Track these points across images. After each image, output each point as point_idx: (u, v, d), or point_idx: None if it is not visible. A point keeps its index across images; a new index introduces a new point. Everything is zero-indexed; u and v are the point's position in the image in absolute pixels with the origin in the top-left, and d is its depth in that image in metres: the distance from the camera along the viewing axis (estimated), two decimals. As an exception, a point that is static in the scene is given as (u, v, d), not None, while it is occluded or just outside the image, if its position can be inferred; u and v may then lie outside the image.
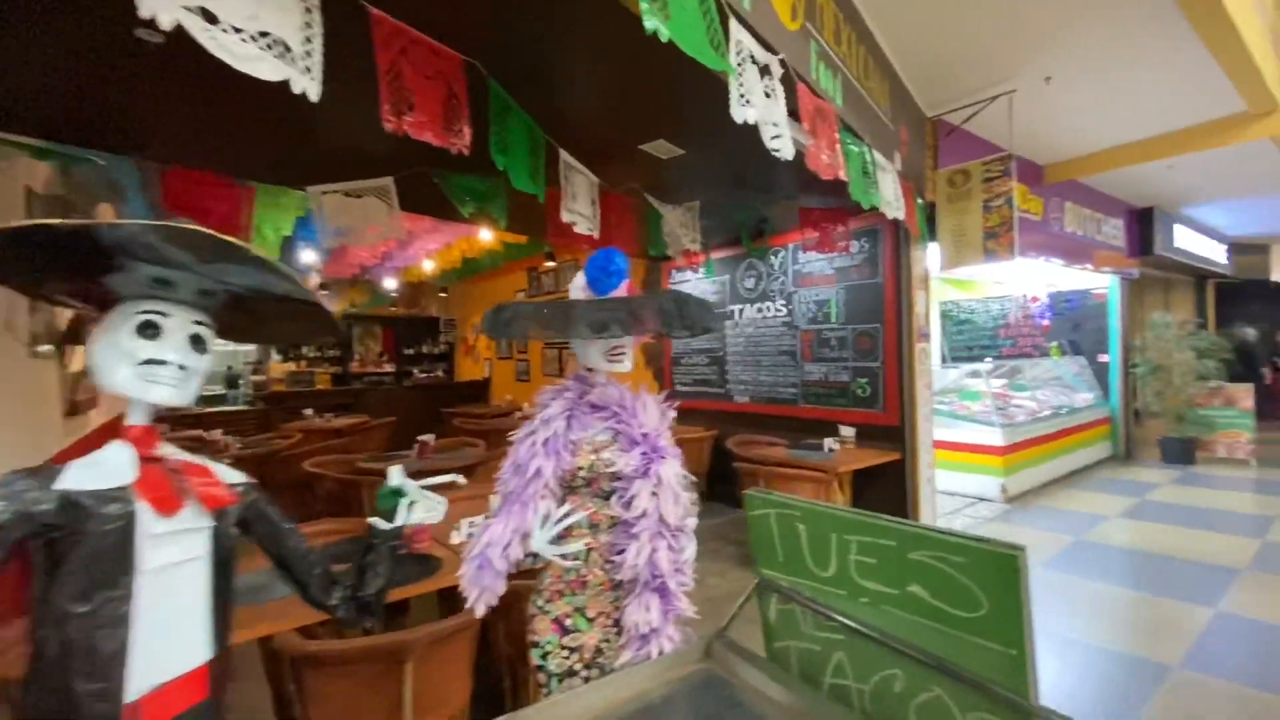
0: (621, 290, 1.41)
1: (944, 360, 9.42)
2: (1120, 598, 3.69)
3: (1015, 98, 4.15)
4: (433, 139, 1.97)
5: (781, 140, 2.01)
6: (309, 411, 7.99)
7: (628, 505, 1.33)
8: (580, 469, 1.37)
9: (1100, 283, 7.96)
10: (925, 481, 4.50)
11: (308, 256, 7.07)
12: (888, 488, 4.56)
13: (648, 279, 6.98)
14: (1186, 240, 8.66)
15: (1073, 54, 3.89)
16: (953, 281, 8.84)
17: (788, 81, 2.18)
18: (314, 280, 10.18)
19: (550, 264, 8.14)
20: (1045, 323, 8.49)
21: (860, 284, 4.75)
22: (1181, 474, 6.85)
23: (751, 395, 5.74)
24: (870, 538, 1.29)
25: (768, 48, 2.08)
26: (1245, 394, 7.36)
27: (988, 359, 8.43)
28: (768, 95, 2.03)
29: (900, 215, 3.39)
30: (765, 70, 2.05)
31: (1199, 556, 4.27)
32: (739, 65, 1.83)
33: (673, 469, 1.38)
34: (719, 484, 5.67)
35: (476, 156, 2.31)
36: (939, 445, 6.23)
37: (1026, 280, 8.39)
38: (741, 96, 1.80)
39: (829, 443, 4.59)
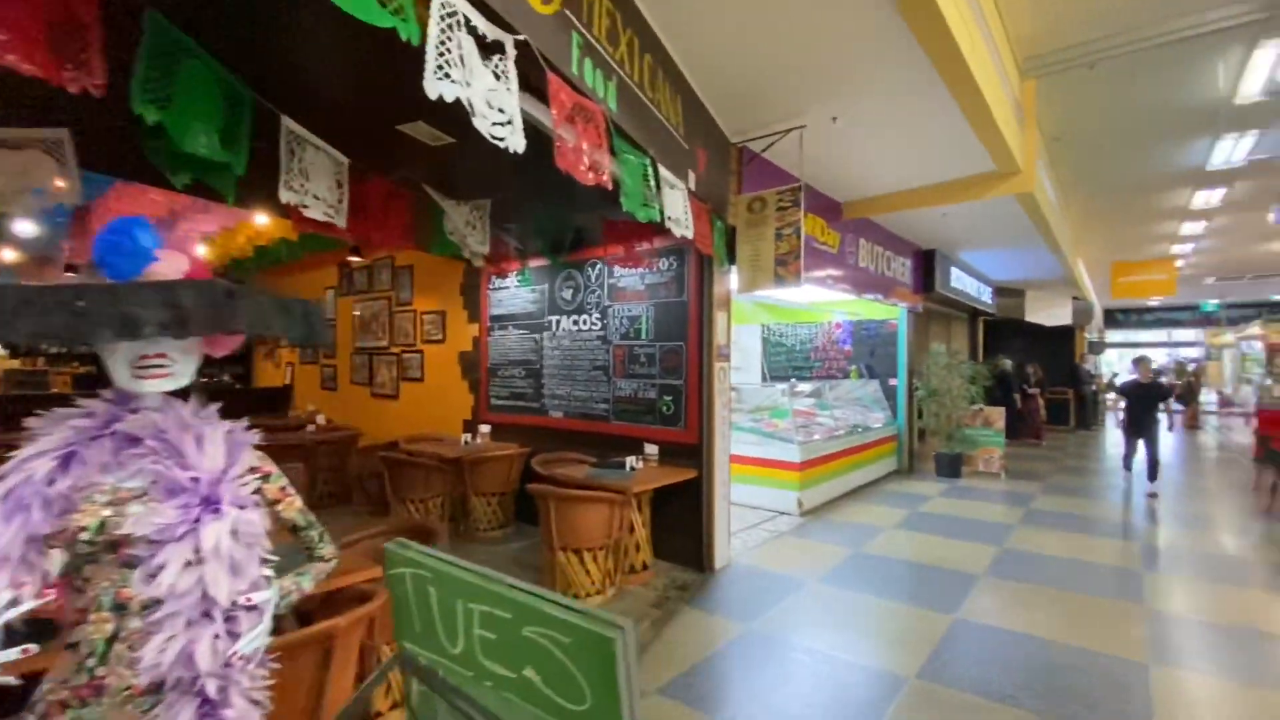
0: (159, 276, 1.05)
1: (764, 379, 9.97)
2: (879, 608, 3.93)
3: (807, 134, 4.37)
4: (21, 65, 1.46)
5: (508, 130, 1.77)
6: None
7: (152, 579, 0.97)
8: (84, 530, 0.98)
9: (894, 314, 8.88)
10: (720, 499, 4.54)
11: (25, 228, 5.70)
12: (685, 506, 4.54)
13: (465, 285, 6.53)
14: (962, 281, 10.00)
15: (858, 101, 4.18)
16: (767, 306, 9.36)
17: (530, 66, 1.95)
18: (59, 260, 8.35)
19: (355, 259, 7.35)
20: (847, 348, 9.29)
21: (668, 302, 4.73)
22: (949, 486, 7.75)
23: (566, 410, 5.51)
24: (490, 607, 1.04)
25: (502, 24, 1.84)
26: (999, 416, 8.56)
27: (793, 380, 9.04)
28: (498, 76, 1.78)
29: (688, 234, 3.35)
30: (495, 47, 1.80)
31: (950, 564, 4.74)
32: (444, 31, 1.55)
33: (228, 527, 1.03)
34: (528, 504, 5.36)
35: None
36: (749, 461, 6.45)
37: (835, 307, 9.15)
38: (440, 68, 1.53)
39: (631, 461, 4.48)
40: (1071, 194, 9.01)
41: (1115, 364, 26.88)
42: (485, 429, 5.99)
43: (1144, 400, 7.36)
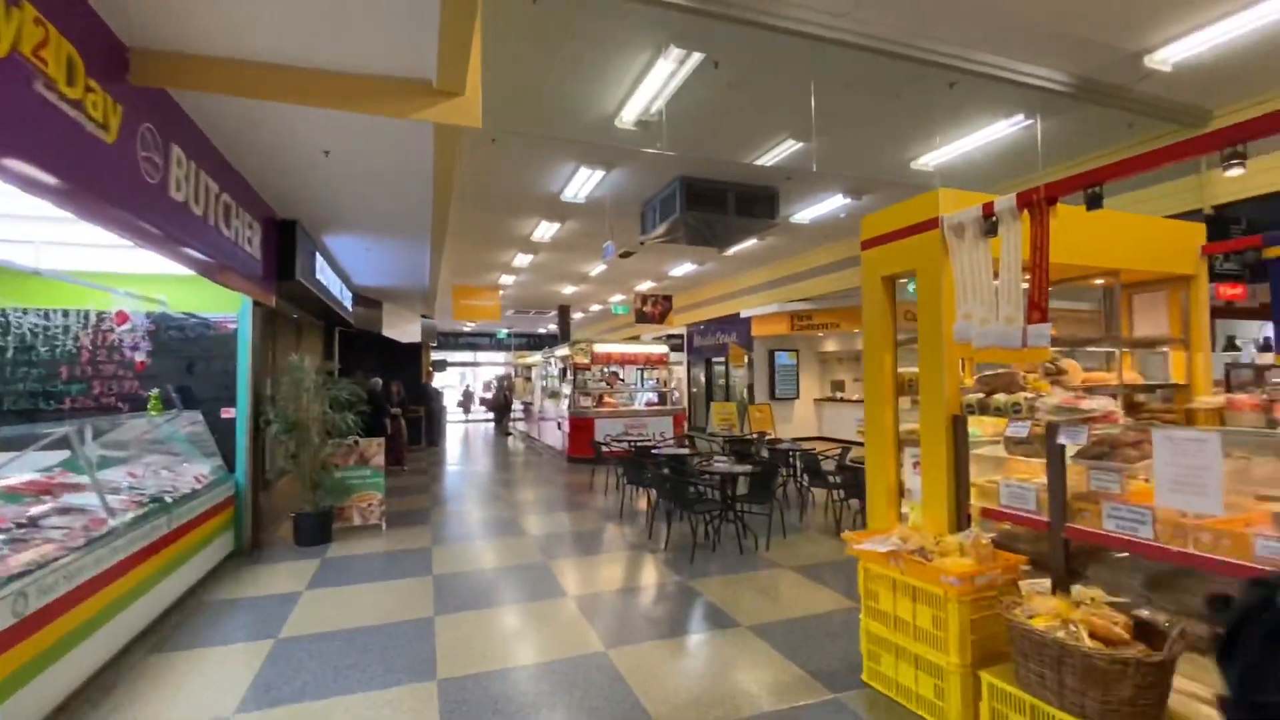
0: None
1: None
2: None
3: None
4: None
5: None
6: None
7: None
8: None
9: (231, 306, 5.70)
10: None
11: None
12: None
13: None
14: (327, 276, 7.67)
15: None
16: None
17: None
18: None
19: None
20: (142, 358, 5.45)
21: None
22: (320, 566, 5.26)
23: None
24: None
25: None
26: (378, 449, 6.68)
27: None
28: None
29: None
30: None
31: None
32: None
33: None
34: None
35: None
36: None
37: (113, 282, 5.13)
38: None
39: None
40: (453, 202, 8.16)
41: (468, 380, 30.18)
42: None
43: None
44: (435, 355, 27.40)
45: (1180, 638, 2.15)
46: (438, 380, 19.88)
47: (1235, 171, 2.08)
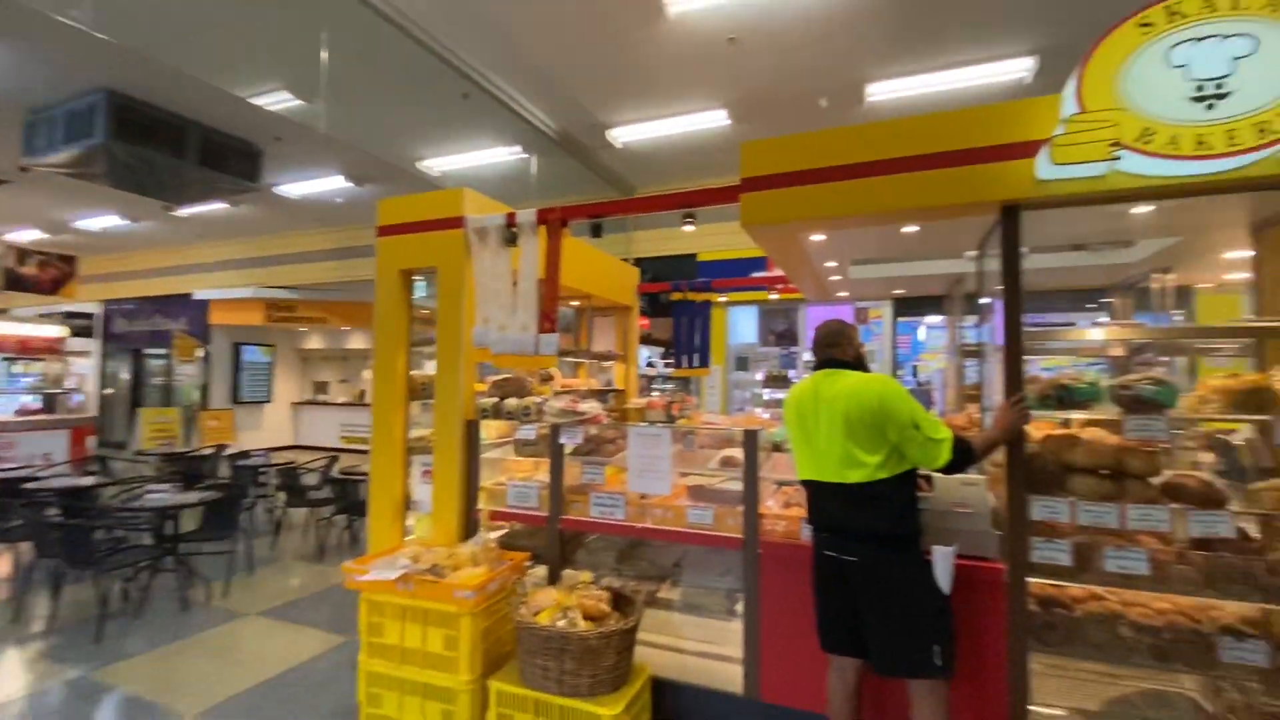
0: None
1: None
2: None
3: None
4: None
5: None
6: None
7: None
8: None
9: None
10: None
11: None
12: None
13: None
14: None
15: None
16: None
17: None
18: None
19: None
20: None
21: None
22: None
23: None
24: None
25: None
26: None
27: None
28: None
29: None
30: None
31: None
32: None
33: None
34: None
35: None
36: None
37: None
38: None
39: None
40: None
41: None
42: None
43: None
44: None
45: (642, 602, 2.61)
46: None
47: (689, 227, 2.69)
